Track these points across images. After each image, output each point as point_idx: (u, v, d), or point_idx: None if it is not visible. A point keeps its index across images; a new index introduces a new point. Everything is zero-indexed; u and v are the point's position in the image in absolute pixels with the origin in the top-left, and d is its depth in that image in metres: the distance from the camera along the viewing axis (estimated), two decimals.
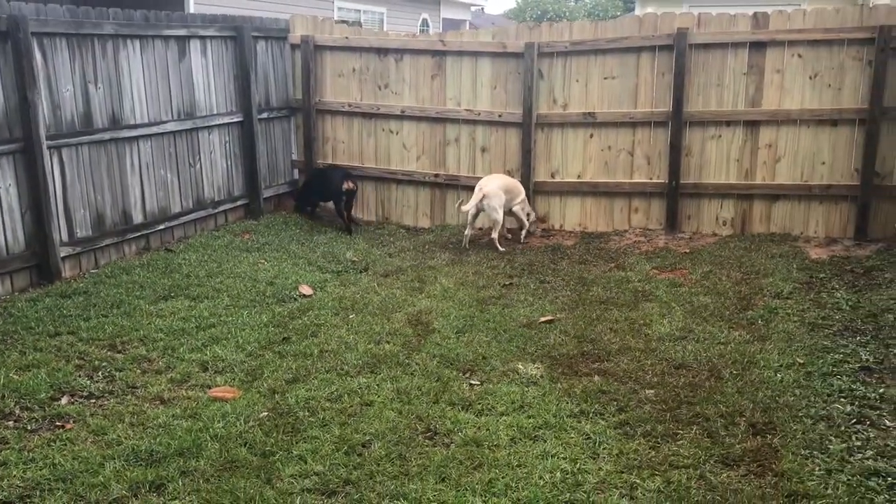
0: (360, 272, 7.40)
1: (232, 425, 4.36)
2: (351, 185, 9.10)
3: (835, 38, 7.96)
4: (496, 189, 8.27)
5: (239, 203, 9.33)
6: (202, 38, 8.55)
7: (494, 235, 8.41)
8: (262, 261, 7.64)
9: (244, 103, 9.20)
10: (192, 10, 12.27)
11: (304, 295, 6.66)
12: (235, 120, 9.14)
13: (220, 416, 4.45)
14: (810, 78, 8.14)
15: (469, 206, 8.30)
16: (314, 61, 9.76)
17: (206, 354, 5.34)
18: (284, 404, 4.61)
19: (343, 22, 10.40)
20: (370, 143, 9.80)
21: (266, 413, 4.51)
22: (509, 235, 8.83)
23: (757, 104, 8.33)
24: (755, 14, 8.22)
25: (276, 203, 10.05)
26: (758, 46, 8.20)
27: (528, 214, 8.75)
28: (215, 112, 8.84)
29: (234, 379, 5.01)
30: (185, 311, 6.17)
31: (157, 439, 4.18)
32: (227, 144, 9.09)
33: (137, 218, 7.80)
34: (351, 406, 4.58)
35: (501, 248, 8.36)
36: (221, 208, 9.01)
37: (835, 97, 8.10)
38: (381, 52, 9.52)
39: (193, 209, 8.56)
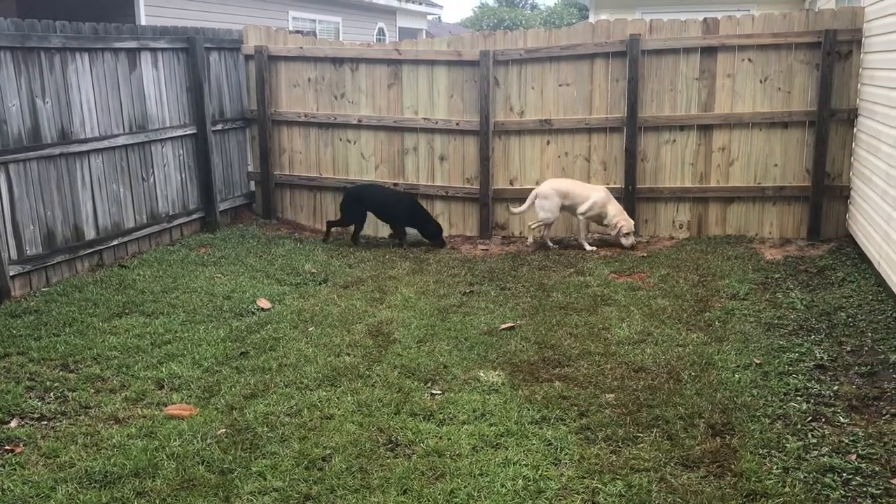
0: (320, 284, 7.33)
1: (189, 443, 4.27)
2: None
3: (783, 42, 8.13)
4: (547, 189, 8.38)
5: (194, 217, 9.20)
6: (153, 50, 8.43)
7: (545, 234, 8.58)
8: (219, 275, 7.53)
9: (198, 115, 9.08)
10: (142, 23, 12.10)
11: (262, 308, 6.57)
12: (189, 132, 9.02)
13: (176, 435, 4.36)
14: (761, 82, 8.28)
15: (521, 209, 8.52)
16: (269, 72, 9.68)
17: (161, 372, 5.23)
18: (243, 420, 4.54)
19: (297, 32, 10.34)
20: (328, 153, 9.74)
21: (224, 430, 4.43)
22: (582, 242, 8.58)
23: (709, 108, 8.45)
24: (705, 20, 8.36)
25: (232, 216, 9.93)
26: (709, 51, 8.33)
27: (615, 226, 8.29)
28: (168, 125, 8.72)
29: (190, 396, 4.91)
30: (139, 327, 6.05)
31: (112, 460, 4.08)
32: (181, 157, 8.97)
33: (90, 234, 7.64)
34: (311, 420, 4.52)
35: (553, 246, 8.51)
36: (176, 222, 8.87)
37: (785, 100, 8.26)
38: (337, 61, 9.48)
39: (147, 224, 8.42)
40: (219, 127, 9.50)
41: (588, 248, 8.39)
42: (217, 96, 9.51)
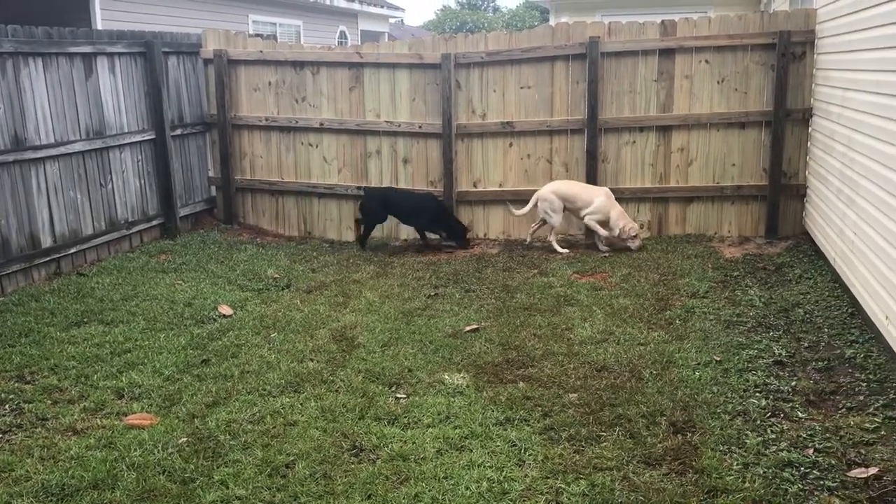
0: (282, 289, 7.28)
1: (149, 453, 4.21)
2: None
3: (739, 43, 8.25)
4: (547, 192, 8.37)
5: (154, 223, 9.08)
6: (110, 55, 8.31)
7: (551, 238, 8.51)
8: (180, 281, 7.44)
9: (156, 120, 8.97)
10: (98, 27, 11.93)
11: (224, 315, 6.51)
12: (148, 138, 8.91)
13: (136, 445, 4.29)
14: (718, 83, 8.40)
15: (523, 211, 8.53)
16: (228, 76, 9.59)
17: (121, 381, 5.15)
18: (204, 429, 4.48)
19: (258, 35, 10.27)
20: (289, 158, 9.68)
21: (185, 439, 4.38)
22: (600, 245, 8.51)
23: (668, 109, 8.55)
24: (663, 22, 8.46)
25: (193, 221, 9.82)
26: (667, 53, 8.43)
27: (622, 229, 8.17)
28: (126, 130, 8.60)
29: (151, 405, 4.84)
30: (98, 336, 5.96)
31: (70, 472, 4.01)
32: (140, 163, 8.85)
33: (46, 242, 7.50)
34: (274, 427, 4.49)
35: (562, 251, 8.37)
36: (136, 229, 8.75)
37: (742, 101, 8.39)
38: (298, 65, 9.42)
39: (106, 231, 8.29)
40: (178, 132, 9.39)
41: (602, 248, 8.35)
42: (176, 101, 9.40)
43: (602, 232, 8.30)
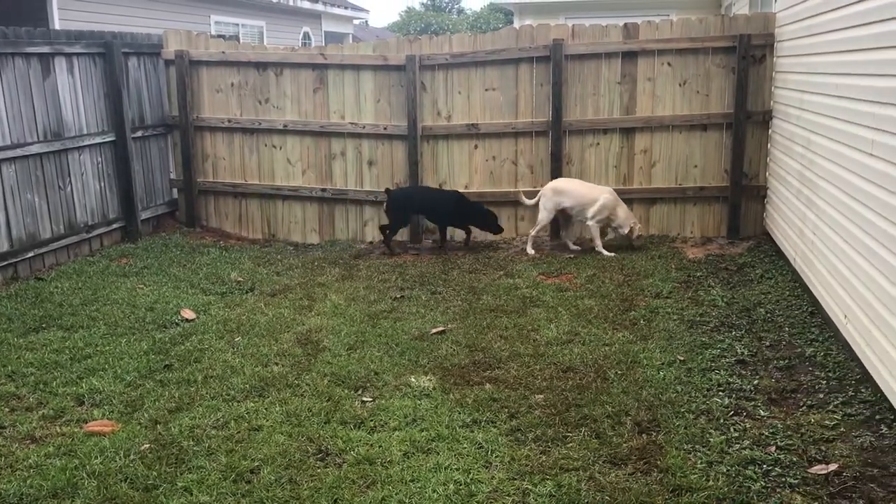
0: (246, 292, 7.20)
1: (111, 460, 4.14)
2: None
3: (700, 46, 8.36)
4: (547, 189, 8.35)
5: (115, 226, 8.94)
6: (68, 55, 8.17)
7: (532, 232, 8.50)
8: (142, 285, 7.33)
9: (117, 122, 8.83)
10: (56, 27, 11.71)
11: (187, 319, 6.42)
12: (108, 139, 8.76)
13: (97, 452, 4.21)
14: (680, 85, 8.50)
15: (532, 201, 8.53)
16: (190, 77, 9.48)
17: (81, 387, 5.06)
18: (167, 435, 4.42)
19: (220, 36, 10.17)
20: (253, 159, 9.59)
21: (148, 445, 4.31)
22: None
23: (631, 112, 8.63)
24: (626, 25, 8.53)
25: (155, 224, 9.68)
26: (630, 56, 8.51)
27: (629, 229, 8.13)
28: (86, 132, 8.45)
29: (112, 411, 4.76)
30: (57, 342, 5.84)
31: (28, 481, 3.92)
32: (100, 165, 8.70)
33: (3, 246, 7.34)
34: (238, 432, 4.43)
35: (531, 252, 8.34)
36: (96, 232, 8.60)
37: (703, 103, 8.50)
38: (261, 66, 9.34)
39: (65, 234, 8.14)
40: (139, 134, 9.26)
41: (606, 253, 8.14)
42: (137, 102, 9.27)
43: (597, 241, 8.22)
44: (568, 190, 8.27)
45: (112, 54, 8.67)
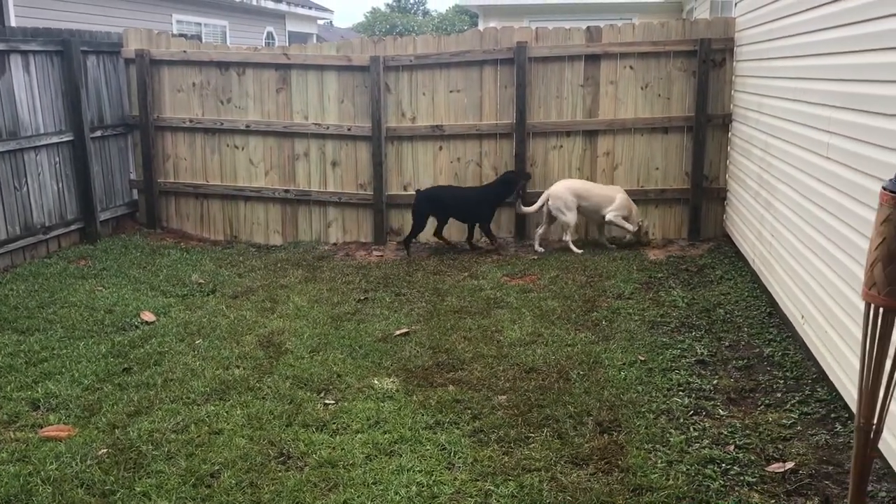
0: (207, 295, 7.12)
1: (67, 466, 4.06)
2: None
3: (662, 50, 8.45)
4: (561, 190, 8.26)
5: (73, 227, 8.78)
6: (24, 52, 8.00)
7: (566, 238, 8.38)
8: (100, 287, 7.21)
9: (75, 121, 8.68)
10: (12, 24, 11.48)
11: (147, 322, 6.33)
12: (66, 139, 8.60)
13: (53, 457, 4.13)
14: (642, 88, 8.59)
15: (532, 209, 8.40)
16: (151, 76, 9.35)
17: (36, 391, 4.96)
18: (126, 439, 4.35)
19: (181, 35, 10.04)
20: (215, 160, 9.49)
21: (105, 450, 4.24)
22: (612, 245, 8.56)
23: (594, 114, 8.70)
24: (589, 28, 8.60)
25: (114, 226, 9.53)
26: (593, 59, 8.58)
27: (642, 227, 8.36)
28: (42, 131, 8.29)
29: (69, 416, 4.67)
30: (12, 345, 5.72)
31: None
32: (58, 165, 8.54)
33: None
34: (198, 436, 4.38)
35: (577, 251, 8.28)
36: (53, 233, 8.44)
37: (665, 106, 8.59)
38: (223, 65, 9.25)
39: (21, 236, 7.97)
40: (98, 133, 9.10)
41: (610, 246, 8.41)
42: (96, 101, 9.11)
43: (629, 227, 8.24)
44: (579, 189, 8.29)
45: (70, 52, 8.52)
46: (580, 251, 8.30)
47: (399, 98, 8.93)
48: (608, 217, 8.24)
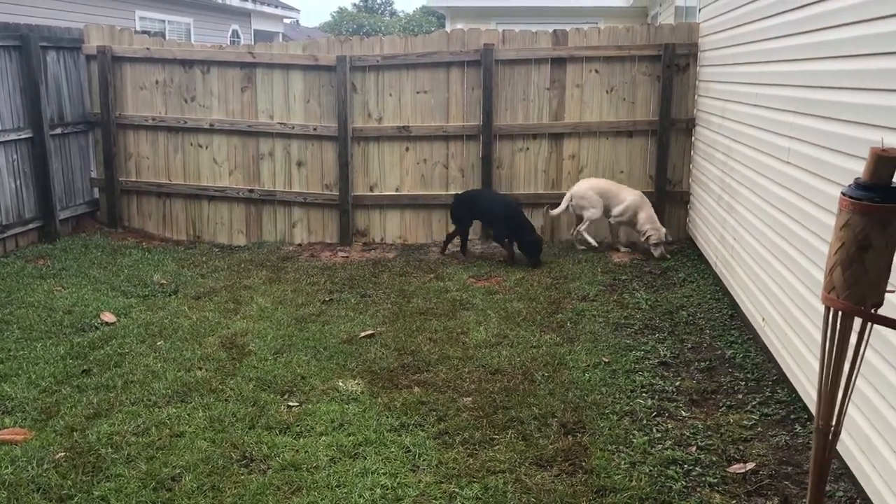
0: (169, 295, 7.02)
1: (23, 470, 3.97)
2: None
3: (627, 54, 8.53)
4: (584, 189, 8.26)
5: (31, 226, 8.60)
6: None
7: (582, 227, 8.36)
8: (59, 287, 7.07)
9: (34, 118, 8.51)
10: None
11: (107, 322, 6.22)
12: (24, 136, 8.43)
13: (8, 461, 4.04)
14: (607, 92, 8.66)
15: (558, 210, 8.39)
16: (113, 73, 9.21)
17: None
18: (84, 442, 4.27)
19: (144, 32, 9.90)
20: (178, 159, 9.37)
21: (63, 453, 4.15)
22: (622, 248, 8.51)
23: (560, 117, 8.75)
24: (555, 31, 8.65)
25: (74, 225, 9.36)
26: (559, 62, 8.62)
27: (644, 234, 8.09)
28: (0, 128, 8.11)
29: (25, 419, 4.57)
30: None
31: None
32: (16, 163, 8.37)
33: None
34: (159, 439, 4.31)
35: (594, 243, 8.32)
36: (11, 232, 8.26)
37: (629, 110, 8.67)
38: (187, 63, 9.14)
39: None
40: (58, 131, 8.94)
41: (622, 248, 8.46)
42: (56, 98, 8.95)
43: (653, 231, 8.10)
44: (604, 189, 8.30)
45: (29, 47, 8.35)
46: (595, 244, 8.39)
47: (366, 98, 8.89)
48: (611, 219, 8.40)
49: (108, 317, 6.33)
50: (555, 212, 8.54)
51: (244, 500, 3.72)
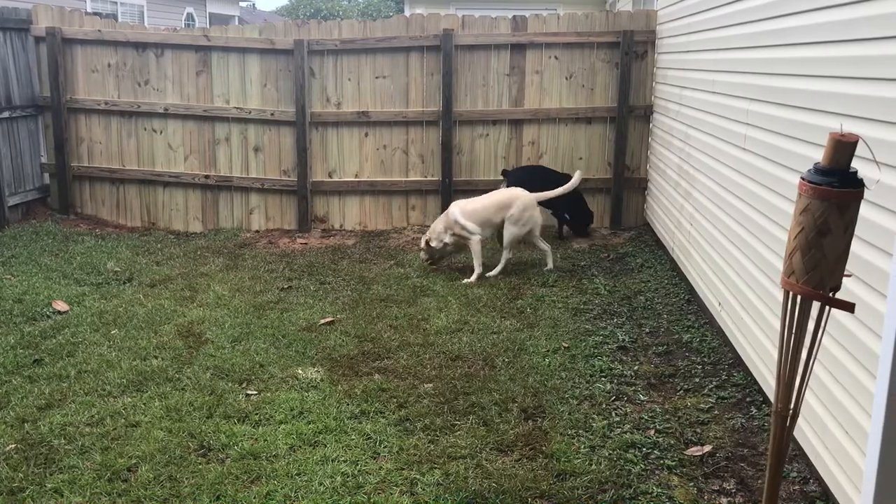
0: (124, 283, 6.89)
1: None
2: None
3: (586, 41, 8.55)
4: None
5: None
6: None
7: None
8: (9, 276, 6.89)
9: None
10: None
11: (59, 311, 6.08)
12: None
13: None
14: (566, 79, 8.68)
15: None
16: (63, 56, 8.96)
17: None
18: (36, 434, 4.17)
19: (96, 14, 9.65)
20: (131, 144, 9.17)
21: (13, 445, 4.05)
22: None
23: (520, 104, 8.75)
24: (514, 17, 8.64)
25: (24, 211, 9.12)
26: (518, 49, 8.62)
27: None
28: None
29: None
30: None
31: None
32: None
33: None
34: (114, 429, 4.23)
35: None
36: None
37: (588, 97, 8.71)
38: (140, 46, 8.93)
39: None
40: (5, 115, 8.68)
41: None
42: (3, 81, 8.69)
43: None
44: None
45: None
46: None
47: (324, 83, 8.79)
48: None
49: (60, 305, 6.18)
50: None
51: (202, 490, 3.67)
